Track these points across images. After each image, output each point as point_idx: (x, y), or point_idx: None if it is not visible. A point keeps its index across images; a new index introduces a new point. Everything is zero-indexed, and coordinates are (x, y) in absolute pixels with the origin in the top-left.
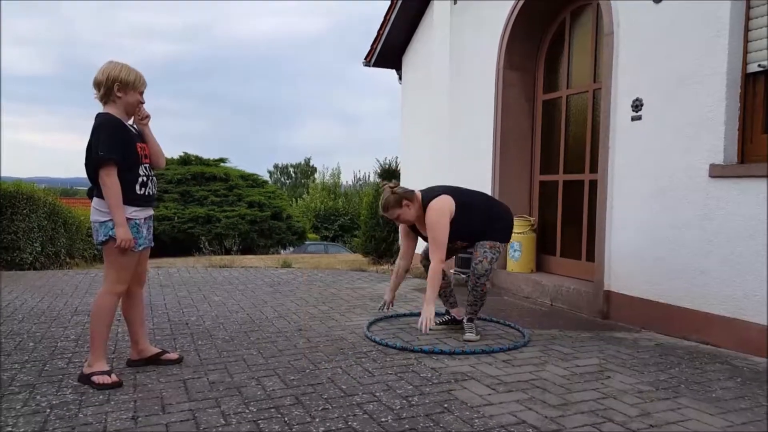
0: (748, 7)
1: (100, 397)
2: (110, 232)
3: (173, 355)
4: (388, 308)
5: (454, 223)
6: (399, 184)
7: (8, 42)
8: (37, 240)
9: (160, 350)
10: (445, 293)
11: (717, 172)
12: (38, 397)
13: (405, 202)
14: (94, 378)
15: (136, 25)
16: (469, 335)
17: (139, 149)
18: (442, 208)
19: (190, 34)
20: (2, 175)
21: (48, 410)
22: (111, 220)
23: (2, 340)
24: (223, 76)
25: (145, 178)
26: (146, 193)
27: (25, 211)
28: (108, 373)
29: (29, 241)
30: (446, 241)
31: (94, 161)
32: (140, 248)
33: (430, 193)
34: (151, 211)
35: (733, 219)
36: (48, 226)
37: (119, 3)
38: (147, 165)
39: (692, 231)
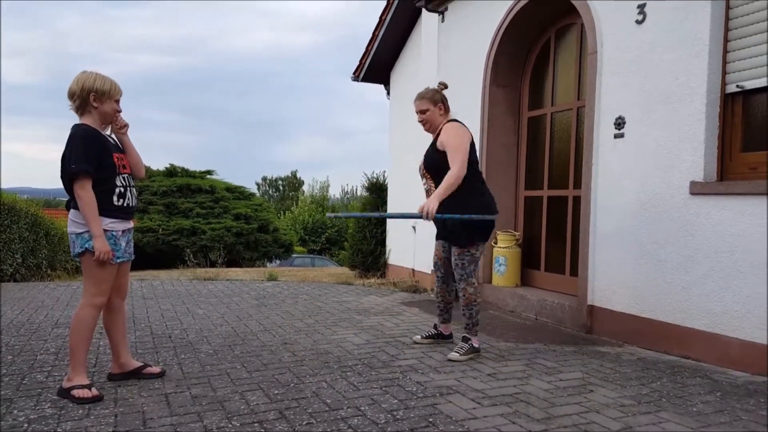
0: (727, 29)
1: (80, 411)
2: (86, 245)
3: (155, 369)
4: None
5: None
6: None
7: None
8: (18, 251)
9: (141, 364)
10: (445, 308)
11: (697, 189)
12: (16, 411)
13: (440, 105)
14: (74, 392)
15: (130, 38)
16: (453, 354)
17: (116, 159)
18: (465, 129)
19: (184, 47)
20: None
21: (26, 425)
22: (87, 231)
23: None
24: (215, 89)
25: (122, 189)
26: (124, 204)
27: (6, 222)
28: (88, 386)
29: (10, 252)
30: (465, 151)
31: (67, 174)
32: (118, 261)
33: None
34: (130, 224)
35: (712, 235)
36: (29, 238)
37: (114, 17)
38: (126, 175)
39: (673, 247)
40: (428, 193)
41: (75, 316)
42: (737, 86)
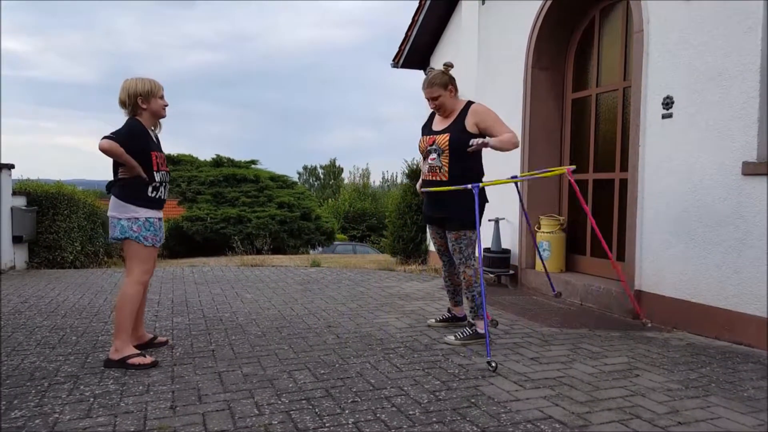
0: None
1: (140, 387)
2: (126, 233)
3: (162, 339)
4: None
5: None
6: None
7: (59, 53)
8: (77, 239)
9: (152, 335)
10: (455, 290)
11: (750, 169)
12: (82, 387)
13: (451, 87)
14: (131, 360)
15: (181, 36)
16: (449, 338)
17: (154, 157)
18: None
19: (231, 44)
20: (44, 178)
21: (91, 399)
22: (128, 218)
23: (47, 334)
24: (260, 83)
25: (158, 184)
26: (157, 197)
27: (65, 212)
28: (142, 354)
29: (70, 240)
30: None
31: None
32: (159, 244)
33: None
34: (161, 214)
35: (766, 217)
36: (87, 226)
37: (168, 15)
38: (164, 172)
39: (725, 229)
40: (436, 171)
41: (122, 293)
42: None
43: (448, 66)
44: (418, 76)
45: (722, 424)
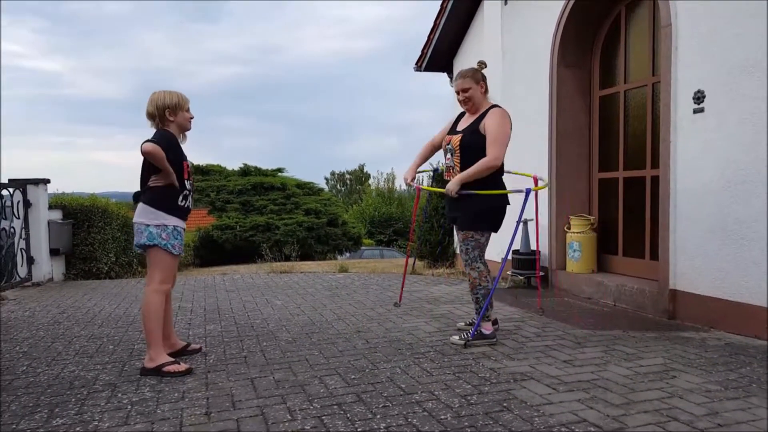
0: None
1: (175, 394)
2: (154, 240)
3: (196, 346)
4: (409, 182)
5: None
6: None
7: (91, 73)
8: (111, 251)
9: (186, 343)
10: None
11: None
12: (119, 394)
13: (482, 84)
14: (167, 368)
15: (206, 51)
16: (454, 337)
17: (186, 166)
18: (508, 117)
19: (255, 57)
20: (78, 191)
21: (129, 407)
22: (157, 225)
23: (85, 344)
24: (284, 94)
25: (187, 193)
26: (185, 206)
27: (100, 224)
28: (176, 361)
29: (104, 251)
30: (506, 142)
31: (143, 143)
32: (181, 254)
33: None
34: (185, 225)
35: None
36: (121, 238)
37: (194, 31)
38: (191, 182)
39: (761, 225)
40: (450, 170)
41: (145, 303)
42: None
43: (482, 64)
44: (441, 80)
45: (764, 426)
